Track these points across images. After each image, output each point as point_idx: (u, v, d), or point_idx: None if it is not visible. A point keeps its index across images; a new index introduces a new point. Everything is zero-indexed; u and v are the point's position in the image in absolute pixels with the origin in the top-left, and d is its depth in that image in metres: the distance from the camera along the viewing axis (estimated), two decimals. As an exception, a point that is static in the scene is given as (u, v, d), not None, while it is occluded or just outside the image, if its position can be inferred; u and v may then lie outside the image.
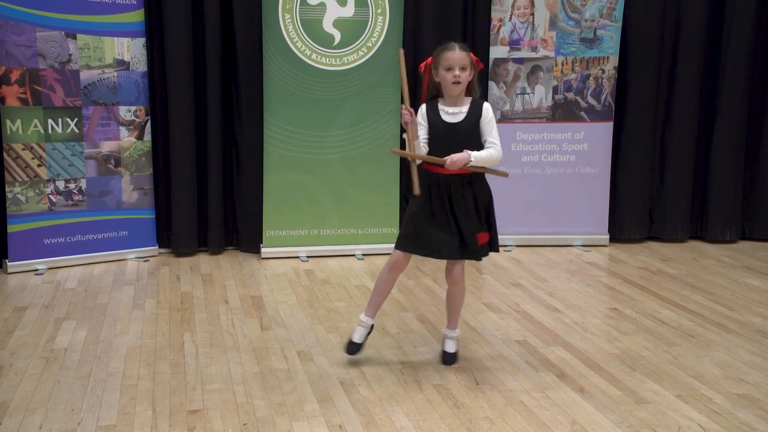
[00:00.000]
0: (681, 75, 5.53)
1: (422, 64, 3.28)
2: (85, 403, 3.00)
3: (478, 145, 3.20)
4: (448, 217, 3.19)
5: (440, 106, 3.22)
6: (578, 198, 5.49)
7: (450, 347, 3.44)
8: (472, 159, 3.12)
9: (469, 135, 3.19)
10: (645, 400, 3.06)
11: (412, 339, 3.68)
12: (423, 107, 3.25)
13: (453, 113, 3.19)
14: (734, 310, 4.17)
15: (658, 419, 2.90)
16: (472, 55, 3.20)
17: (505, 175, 3.24)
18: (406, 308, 4.17)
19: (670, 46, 5.52)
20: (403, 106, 3.16)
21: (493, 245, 3.32)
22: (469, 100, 3.23)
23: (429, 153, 3.20)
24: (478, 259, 3.31)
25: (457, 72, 3.12)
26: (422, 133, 3.21)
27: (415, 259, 3.65)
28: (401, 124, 3.19)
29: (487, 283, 4.69)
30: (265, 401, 3.03)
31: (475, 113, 3.20)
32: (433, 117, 3.21)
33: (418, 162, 3.21)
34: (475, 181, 3.23)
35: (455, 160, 3.09)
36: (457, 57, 3.12)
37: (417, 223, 3.23)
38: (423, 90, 3.32)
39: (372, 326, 3.40)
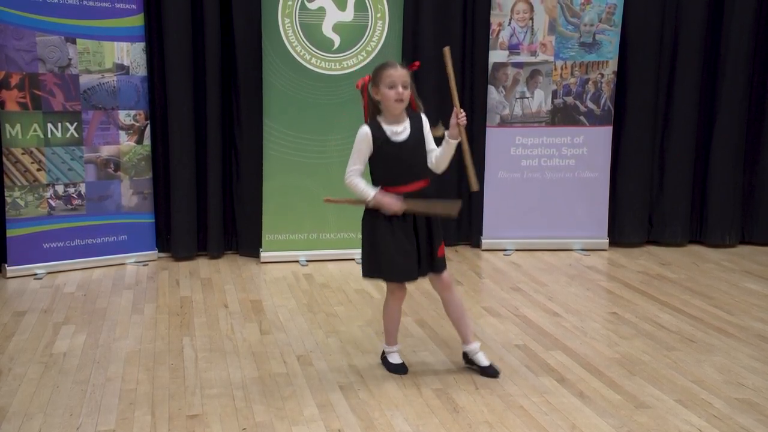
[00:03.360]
0: (680, 79, 5.53)
1: (359, 82, 3.23)
2: (84, 407, 3.00)
3: (423, 156, 3.20)
4: (413, 234, 3.18)
5: (384, 126, 3.15)
6: (578, 202, 5.49)
7: (483, 361, 3.34)
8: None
9: (417, 149, 3.17)
10: (645, 405, 3.06)
11: (411, 343, 3.68)
12: (366, 131, 3.15)
13: (398, 131, 3.15)
14: (734, 315, 4.17)
15: (658, 424, 2.90)
16: (410, 66, 3.17)
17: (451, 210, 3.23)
18: (405, 312, 4.15)
19: (669, 50, 5.53)
20: (460, 111, 3.12)
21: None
22: (405, 114, 3.19)
23: (380, 174, 3.18)
24: (441, 271, 3.28)
25: (400, 89, 3.07)
26: (359, 162, 3.15)
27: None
28: (453, 128, 3.12)
29: (487, 287, 4.69)
30: (264, 406, 3.02)
31: (417, 126, 3.18)
32: (381, 139, 3.14)
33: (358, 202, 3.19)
34: (431, 193, 3.22)
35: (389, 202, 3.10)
36: (399, 74, 3.07)
37: (396, 250, 3.17)
38: (364, 110, 3.24)
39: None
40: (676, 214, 5.66)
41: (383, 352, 3.44)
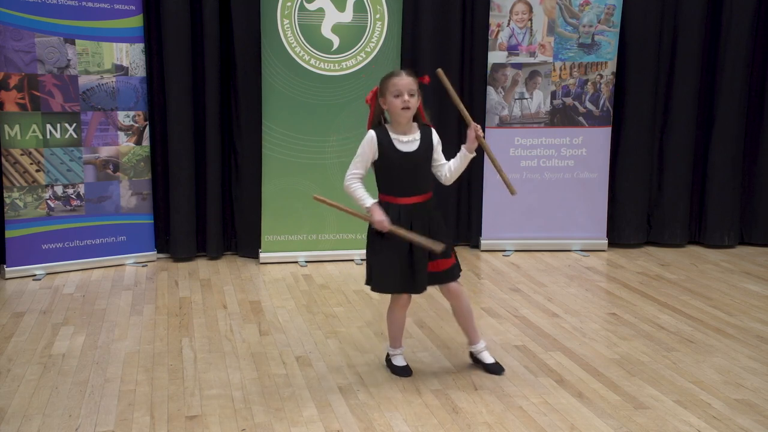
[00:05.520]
0: (679, 80, 5.53)
1: (369, 95, 3.22)
2: (83, 409, 3.00)
3: (429, 170, 3.22)
4: (408, 247, 3.14)
5: (392, 135, 3.15)
6: (577, 203, 5.50)
7: (487, 358, 3.39)
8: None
9: (424, 162, 3.18)
10: (644, 406, 3.06)
11: (410, 344, 3.67)
12: (372, 135, 3.15)
13: (407, 141, 3.15)
14: (733, 316, 4.17)
15: (657, 425, 2.90)
16: (420, 78, 3.17)
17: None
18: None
19: (668, 51, 5.53)
20: (476, 125, 3.16)
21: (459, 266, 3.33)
22: (416, 126, 3.19)
23: (384, 184, 3.18)
24: (446, 282, 3.27)
25: (406, 97, 3.07)
26: (361, 166, 3.15)
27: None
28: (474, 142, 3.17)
29: (486, 288, 4.69)
30: (263, 407, 3.02)
31: (427, 140, 3.18)
32: (387, 146, 3.14)
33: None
34: (433, 206, 3.23)
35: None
36: (405, 82, 3.07)
37: (400, 261, 3.15)
38: (369, 118, 3.24)
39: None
40: (675, 214, 5.66)
41: (387, 355, 3.43)
